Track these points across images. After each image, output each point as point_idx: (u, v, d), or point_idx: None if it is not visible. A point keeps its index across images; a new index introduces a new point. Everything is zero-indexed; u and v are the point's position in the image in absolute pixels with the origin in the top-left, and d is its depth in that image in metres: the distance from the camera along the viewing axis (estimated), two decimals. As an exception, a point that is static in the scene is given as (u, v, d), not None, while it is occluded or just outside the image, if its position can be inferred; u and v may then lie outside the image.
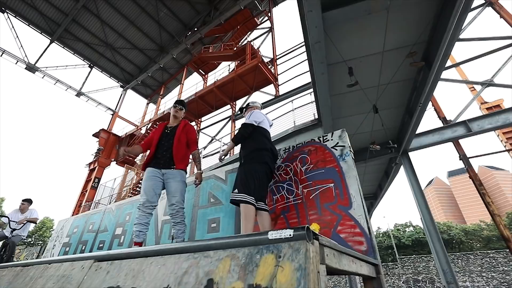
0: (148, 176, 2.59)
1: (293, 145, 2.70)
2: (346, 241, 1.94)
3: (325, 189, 2.25)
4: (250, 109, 2.80)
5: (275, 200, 2.54)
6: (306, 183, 2.39)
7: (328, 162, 2.35)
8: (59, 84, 15.80)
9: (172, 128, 2.89)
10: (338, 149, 2.36)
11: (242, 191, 2.05)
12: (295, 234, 0.78)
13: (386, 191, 10.74)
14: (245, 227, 1.92)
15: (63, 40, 15.97)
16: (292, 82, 17.79)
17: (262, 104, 11.17)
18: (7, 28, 13.93)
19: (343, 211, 2.08)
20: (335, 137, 2.43)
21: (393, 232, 33.23)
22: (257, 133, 2.41)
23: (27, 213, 4.84)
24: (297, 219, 2.30)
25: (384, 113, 6.24)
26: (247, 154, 2.28)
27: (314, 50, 4.66)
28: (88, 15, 15.15)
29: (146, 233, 2.47)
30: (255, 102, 2.87)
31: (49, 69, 15.53)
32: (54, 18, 15.07)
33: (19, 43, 14.44)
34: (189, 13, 16.78)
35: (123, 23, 16.37)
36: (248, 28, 15.49)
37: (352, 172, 2.18)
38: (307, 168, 2.46)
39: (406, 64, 5.11)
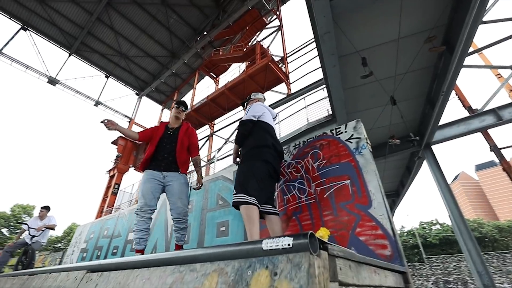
0: (147, 179, 2.45)
1: (303, 140, 2.49)
2: (367, 245, 1.72)
3: (341, 187, 2.03)
4: (251, 102, 2.55)
5: (286, 201, 2.35)
6: (319, 181, 2.18)
7: (342, 157, 2.13)
8: (78, 95, 16.41)
9: (174, 130, 2.75)
10: (353, 141, 2.13)
11: (240, 191, 1.84)
12: (295, 244, 0.60)
13: (408, 188, 10.17)
14: (250, 232, 1.72)
15: (80, 52, 16.59)
16: (304, 79, 17.44)
17: (275, 103, 10.90)
18: (30, 44, 14.67)
19: (361, 210, 1.85)
20: (350, 129, 2.21)
21: (418, 230, 31.70)
22: (257, 128, 2.17)
23: (45, 220, 4.93)
24: (310, 220, 2.10)
25: (403, 105, 5.84)
26: (245, 153, 2.10)
27: (323, 41, 4.42)
28: (102, 26, 15.63)
29: (147, 239, 2.36)
30: (257, 94, 2.62)
31: (68, 80, 16.16)
32: (71, 32, 15.68)
33: (41, 58, 15.13)
34: (198, 18, 16.92)
35: (135, 32, 16.75)
36: (257, 28, 15.37)
37: (370, 166, 1.95)
38: (319, 164, 2.25)
39: (424, 51, 4.74)
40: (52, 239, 34.91)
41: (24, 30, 14.64)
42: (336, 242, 1.85)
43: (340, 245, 1.83)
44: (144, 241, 2.34)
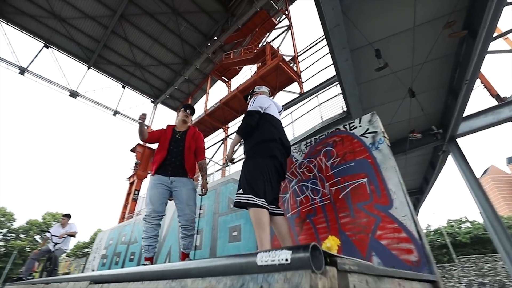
0: (154, 184, 2.40)
1: (315, 137, 2.35)
2: (389, 250, 1.55)
3: (357, 186, 1.87)
4: (255, 95, 2.39)
5: (299, 203, 2.21)
6: (333, 180, 2.03)
7: (357, 153, 1.97)
8: (97, 105, 17.06)
9: (182, 134, 2.70)
10: (369, 136, 1.97)
11: (249, 192, 1.68)
12: (294, 259, 0.49)
13: (433, 184, 9.61)
14: (260, 238, 1.58)
15: (98, 65, 17.27)
16: (317, 77, 17.15)
17: (287, 103, 10.76)
18: (52, 60, 15.47)
19: (381, 211, 1.69)
20: (364, 123, 2.04)
21: (446, 229, 30.03)
22: (263, 121, 2.00)
23: (67, 227, 5.08)
24: (325, 223, 1.95)
25: (423, 97, 5.51)
26: (251, 148, 1.90)
27: (333, 35, 4.25)
28: (117, 39, 16.19)
29: (156, 246, 2.31)
30: (261, 87, 2.47)
31: (87, 92, 16.85)
32: (88, 46, 16.36)
33: (62, 72, 15.89)
34: (208, 24, 17.13)
35: (148, 42, 17.21)
36: (266, 29, 15.30)
37: (389, 162, 1.78)
38: (333, 162, 2.10)
39: (443, 37, 4.44)
40: (80, 245, 36.49)
41: (47, 48, 15.46)
42: (354, 246, 1.70)
43: (359, 250, 1.68)
44: (153, 248, 2.30)
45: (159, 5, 14.83)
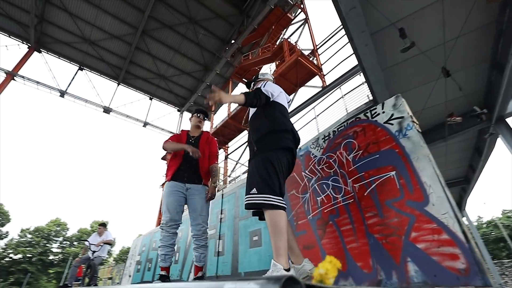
0: (170, 191, 2.35)
1: (333, 129, 2.13)
2: (429, 255, 1.30)
3: (384, 181, 1.63)
4: (259, 81, 2.18)
5: (320, 203, 2.01)
6: (356, 176, 1.80)
7: (382, 143, 1.72)
8: (129, 118, 18.08)
9: (195, 139, 2.66)
10: (395, 122, 1.71)
11: (265, 191, 1.46)
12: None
13: (481, 172, 8.58)
14: (276, 246, 1.39)
15: (126, 80, 18.33)
16: (339, 67, 16.42)
17: (310, 99, 10.42)
18: (86, 81, 16.76)
19: (416, 209, 1.43)
20: (388, 108, 1.78)
21: (501, 220, 26.91)
22: (272, 109, 1.77)
23: (103, 236, 5.35)
24: (350, 224, 1.73)
25: (460, 76, 4.90)
26: (260, 138, 1.67)
27: (349, 19, 3.94)
28: (141, 54, 17.03)
29: (172, 256, 2.25)
30: (265, 74, 2.24)
31: (119, 107, 17.95)
32: (116, 64, 17.43)
33: (96, 91, 17.11)
34: (224, 28, 17.31)
35: (170, 53, 17.86)
36: (282, 25, 15.05)
37: (421, 150, 1.52)
38: (355, 155, 1.87)
39: (479, 5, 3.89)
40: (124, 250, 39.07)
41: (81, 70, 16.77)
42: (385, 252, 1.47)
43: (391, 255, 1.44)
44: (169, 258, 2.25)
45: (177, 17, 15.31)
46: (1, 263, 31.48)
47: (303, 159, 2.33)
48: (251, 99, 1.71)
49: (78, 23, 14.33)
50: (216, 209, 3.43)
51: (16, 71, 13.56)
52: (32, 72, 17.05)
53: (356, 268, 1.59)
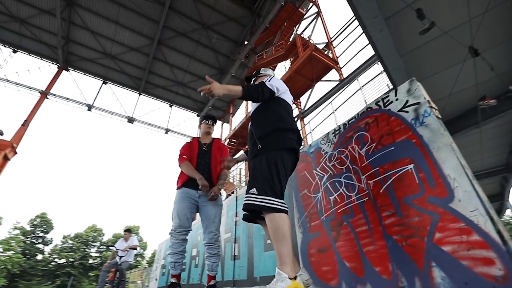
0: (181, 197, 2.32)
1: (344, 123, 1.98)
2: (457, 259, 1.12)
3: (401, 175, 1.46)
4: (261, 78, 2.05)
5: (333, 202, 1.86)
6: (370, 171, 1.64)
7: (397, 134, 1.55)
8: (151, 127, 18.78)
9: (207, 146, 2.64)
10: (410, 110, 1.52)
11: (268, 193, 1.35)
12: None
13: (526, 159, 7.73)
14: (280, 252, 1.27)
15: (146, 90, 19.06)
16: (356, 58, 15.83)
17: (327, 93, 10.11)
18: (110, 94, 17.66)
19: (439, 206, 1.25)
20: (402, 94, 1.60)
21: (556, 213, 24.15)
22: (278, 106, 1.65)
23: (129, 241, 5.54)
24: (366, 225, 1.57)
25: (490, 54, 4.42)
26: (266, 135, 1.54)
27: (360, 5, 3.71)
28: (159, 63, 17.63)
29: (182, 263, 2.21)
30: (267, 69, 2.12)
31: (141, 116, 18.70)
32: (136, 75, 18.19)
33: (120, 103, 17.95)
34: (236, 30, 17.40)
35: (186, 60, 18.29)
36: (294, 21, 14.78)
37: (442, 139, 1.33)
38: (368, 149, 1.70)
39: (511, -28, 3.48)
40: (156, 253, 40.69)
41: (105, 84, 17.71)
42: (406, 255, 1.30)
43: (413, 259, 1.27)
44: (179, 265, 2.22)
45: (190, 24, 15.64)
46: (48, 267, 34.20)
47: (314, 156, 2.19)
48: (252, 92, 1.58)
49: (99, 40, 15.15)
50: (231, 212, 3.38)
51: (48, 90, 14.63)
52: (62, 89, 18.31)
53: (374, 274, 1.44)
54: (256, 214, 1.53)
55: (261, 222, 1.61)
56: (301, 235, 2.06)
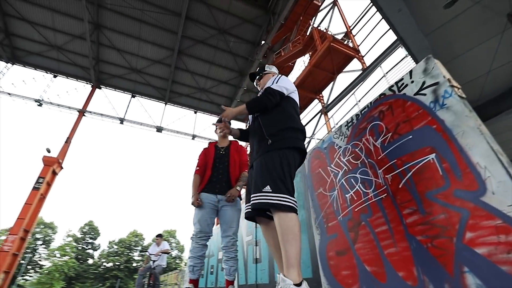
0: (202, 202, 2.34)
1: (356, 113, 1.82)
2: (495, 264, 0.94)
3: (422, 167, 1.28)
4: (267, 75, 1.99)
5: (349, 200, 1.71)
6: (387, 165, 1.47)
7: (415, 120, 1.36)
8: (179, 134, 19.51)
9: (225, 149, 2.63)
10: (428, 92, 1.34)
11: (283, 191, 1.28)
12: None
13: None
14: (288, 254, 1.19)
15: (172, 99, 19.86)
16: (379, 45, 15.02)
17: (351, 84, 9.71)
18: (139, 106, 18.69)
19: (469, 200, 1.07)
20: (417, 75, 1.41)
21: None
22: (289, 105, 1.62)
23: (161, 246, 5.75)
24: (386, 225, 1.41)
25: (539, 19, 3.85)
26: (278, 132, 1.48)
27: (373, -16, 3.46)
28: (180, 72, 18.29)
29: (201, 267, 2.20)
30: (272, 67, 2.05)
31: (169, 125, 19.53)
32: (161, 86, 19.04)
33: (148, 114, 18.90)
34: (252, 31, 17.42)
35: (206, 67, 18.74)
36: (310, 15, 14.39)
37: (467, 121, 1.14)
38: (383, 140, 1.53)
39: None
40: (193, 256, 42.17)
41: (133, 97, 18.77)
42: (433, 258, 1.13)
43: (440, 263, 1.09)
44: (198, 270, 2.21)
45: (206, 30, 15.99)
46: (98, 270, 37.17)
47: (327, 152, 2.05)
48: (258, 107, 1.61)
49: (125, 56, 16.11)
50: (252, 214, 3.32)
51: (85, 108, 15.89)
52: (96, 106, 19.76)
53: (398, 280, 1.28)
54: (260, 212, 1.47)
55: (263, 222, 1.53)
56: (319, 236, 1.93)
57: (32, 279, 33.26)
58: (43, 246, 36.04)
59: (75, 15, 13.14)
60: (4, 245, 9.81)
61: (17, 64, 15.10)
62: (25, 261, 30.49)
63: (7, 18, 13.15)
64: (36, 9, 12.88)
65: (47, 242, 36.51)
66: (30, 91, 18.37)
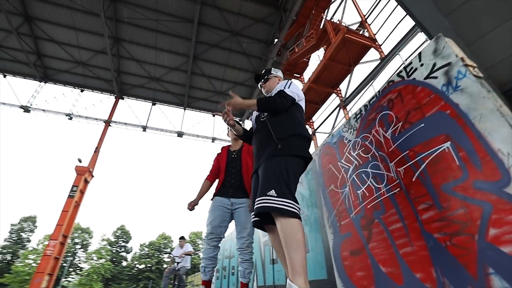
0: (215, 206, 2.37)
1: (365, 104, 1.70)
2: (521, 262, 0.82)
3: (436, 157, 1.16)
4: (273, 78, 1.95)
5: (361, 197, 1.60)
6: (399, 157, 1.36)
7: (426, 107, 1.24)
8: (198, 138, 19.94)
9: (237, 152, 2.63)
10: (439, 74, 1.21)
11: (288, 196, 1.26)
12: None
13: None
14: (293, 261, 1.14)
15: (190, 104, 20.35)
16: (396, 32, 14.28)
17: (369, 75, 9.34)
18: (159, 113, 19.37)
19: (491, 192, 0.95)
20: (427, 57, 1.29)
21: None
22: (298, 112, 1.59)
23: (184, 248, 5.88)
24: (400, 222, 1.29)
25: None
26: (287, 138, 1.46)
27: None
28: (197, 77, 18.69)
29: (213, 269, 2.21)
30: (278, 70, 2.02)
31: (189, 129, 20.03)
32: (180, 92, 19.59)
33: (169, 120, 19.53)
34: (265, 30, 17.37)
35: (221, 70, 19.00)
36: (322, 7, 14.04)
37: (485, 103, 1.01)
38: (394, 131, 1.42)
39: None
40: (220, 256, 42.99)
41: (154, 105, 19.48)
42: (453, 258, 1.02)
43: (462, 263, 0.97)
44: (209, 271, 2.21)
45: (219, 34, 16.18)
46: (132, 272, 39.06)
47: (337, 147, 1.95)
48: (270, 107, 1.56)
49: (144, 66, 16.77)
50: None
51: (110, 119, 16.76)
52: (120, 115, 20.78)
53: (415, 282, 1.17)
54: (266, 219, 1.43)
55: (271, 230, 1.49)
56: (332, 236, 1.84)
57: (74, 281, 35.82)
58: (82, 250, 38.66)
59: (96, 31, 13.88)
60: (46, 250, 10.61)
61: (48, 82, 16.27)
62: (67, 264, 32.85)
63: (38, 40, 14.22)
64: (62, 30, 13.80)
65: (85, 246, 39.11)
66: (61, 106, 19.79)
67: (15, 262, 32.49)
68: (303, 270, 1.12)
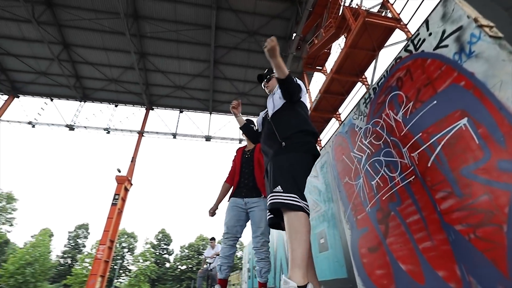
0: (230, 207, 2.41)
1: (374, 86, 1.56)
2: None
3: (453, 137, 1.00)
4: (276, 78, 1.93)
5: (376, 188, 1.46)
6: (412, 141, 1.20)
7: (437, 81, 1.08)
8: (225, 140, 20.33)
9: (250, 152, 2.65)
10: (450, 42, 1.04)
11: (293, 191, 1.25)
12: None
13: None
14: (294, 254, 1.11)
15: (215, 108, 20.85)
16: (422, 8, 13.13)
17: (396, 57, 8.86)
18: (187, 119, 20.13)
19: (518, 172, 0.78)
20: (435, 24, 1.12)
21: None
22: (301, 107, 1.59)
23: (215, 248, 6.00)
24: (418, 214, 1.14)
25: None
26: (291, 136, 1.45)
27: None
28: (219, 81, 19.08)
29: (229, 267, 2.21)
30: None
31: (216, 132, 20.54)
32: (204, 98, 20.15)
33: (196, 125, 20.18)
34: (282, 26, 17.18)
35: (242, 71, 19.18)
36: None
37: (506, 67, 0.84)
38: (404, 112, 1.26)
39: None
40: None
41: (181, 112, 20.29)
42: (479, 254, 0.87)
43: (488, 259, 0.81)
44: (225, 270, 2.23)
45: (237, 35, 16.34)
46: (175, 273, 41.15)
47: (349, 136, 1.81)
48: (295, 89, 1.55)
49: (169, 76, 17.56)
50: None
51: (142, 130, 17.82)
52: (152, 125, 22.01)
53: (438, 280, 1.02)
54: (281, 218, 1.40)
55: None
56: (350, 231, 1.70)
57: (124, 282, 38.81)
58: (129, 253, 41.70)
59: (124, 49, 14.84)
60: (97, 254, 11.62)
61: (87, 101, 17.78)
62: (117, 266, 35.69)
63: (76, 64, 15.62)
64: (95, 52, 15.00)
65: (131, 250, 42.13)
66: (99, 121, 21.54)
67: (75, 265, 36.22)
68: (303, 264, 1.09)
